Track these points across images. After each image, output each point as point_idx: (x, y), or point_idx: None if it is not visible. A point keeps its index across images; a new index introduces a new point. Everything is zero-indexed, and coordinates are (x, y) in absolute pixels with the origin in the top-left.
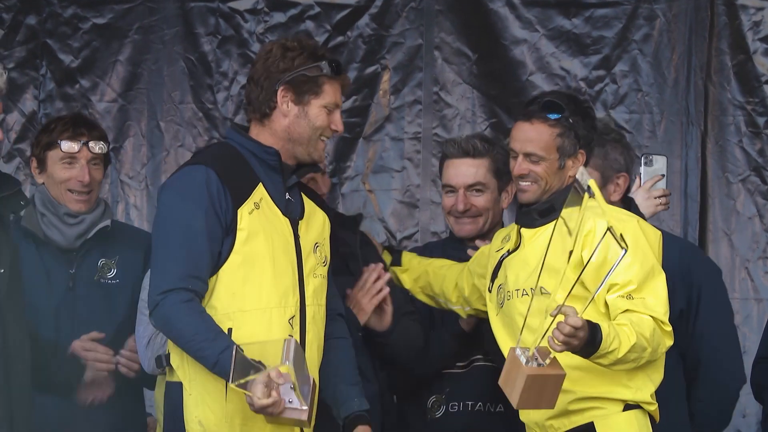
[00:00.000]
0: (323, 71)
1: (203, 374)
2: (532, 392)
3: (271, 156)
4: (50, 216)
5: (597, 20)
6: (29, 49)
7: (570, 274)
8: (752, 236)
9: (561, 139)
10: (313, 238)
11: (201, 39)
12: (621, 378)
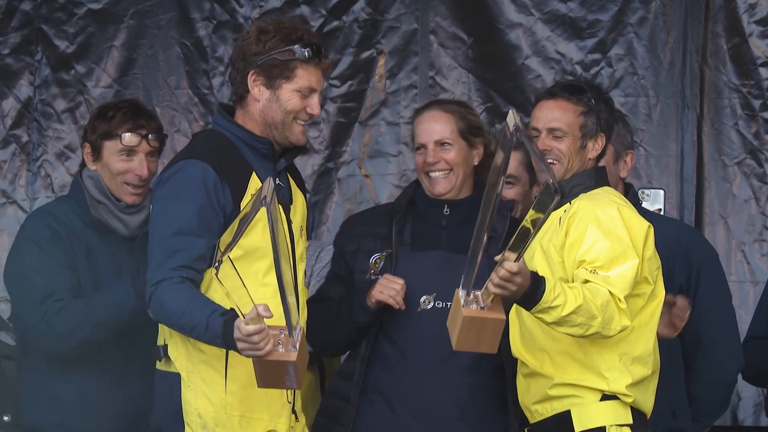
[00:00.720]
0: (296, 55)
1: (202, 366)
2: (470, 334)
3: (264, 145)
4: (109, 205)
5: (592, 3)
6: (24, 35)
7: (556, 257)
8: (748, 219)
9: (584, 117)
10: (299, 222)
11: (196, 24)
12: (598, 366)
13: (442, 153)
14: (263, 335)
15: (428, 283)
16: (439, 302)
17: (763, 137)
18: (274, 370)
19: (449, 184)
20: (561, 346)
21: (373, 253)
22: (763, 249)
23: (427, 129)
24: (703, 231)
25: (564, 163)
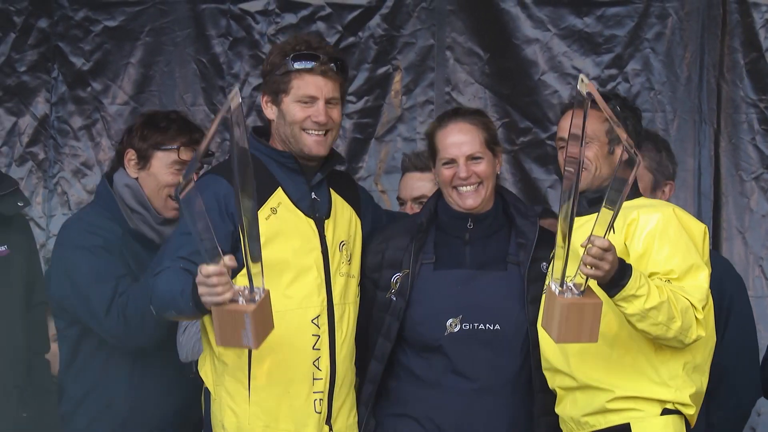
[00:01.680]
0: (288, 67)
1: (226, 378)
2: (570, 323)
3: (288, 159)
4: (146, 216)
5: (609, 19)
6: (41, 53)
7: None
8: (766, 234)
9: (609, 124)
10: (339, 236)
11: (212, 41)
12: (662, 375)
13: (473, 167)
14: (223, 279)
15: (453, 304)
16: (466, 324)
17: None
18: (232, 323)
19: (480, 197)
20: (624, 356)
21: (394, 270)
22: None
23: (456, 142)
24: (720, 246)
25: (591, 170)
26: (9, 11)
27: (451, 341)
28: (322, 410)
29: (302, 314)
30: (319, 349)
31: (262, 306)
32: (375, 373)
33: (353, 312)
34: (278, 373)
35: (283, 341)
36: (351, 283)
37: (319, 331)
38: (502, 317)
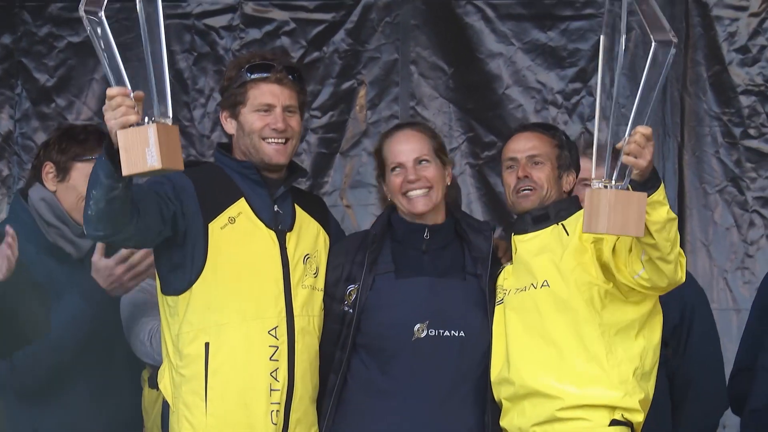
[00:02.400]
0: (242, 78)
1: (184, 389)
2: (617, 214)
3: (249, 170)
4: (63, 229)
5: (572, 33)
6: (4, 69)
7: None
8: (730, 247)
9: (558, 150)
10: (303, 250)
11: (177, 56)
12: (612, 380)
13: (422, 170)
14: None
15: (419, 310)
16: (432, 330)
17: (744, 165)
18: (136, 143)
19: (430, 201)
20: (576, 361)
21: (349, 283)
22: (745, 277)
23: (404, 149)
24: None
25: (541, 193)
26: None
27: (417, 347)
28: (278, 422)
29: (258, 325)
30: (278, 360)
31: (169, 131)
32: (332, 385)
33: (317, 324)
34: (235, 383)
35: (238, 351)
36: (316, 295)
37: (277, 342)
38: (466, 325)
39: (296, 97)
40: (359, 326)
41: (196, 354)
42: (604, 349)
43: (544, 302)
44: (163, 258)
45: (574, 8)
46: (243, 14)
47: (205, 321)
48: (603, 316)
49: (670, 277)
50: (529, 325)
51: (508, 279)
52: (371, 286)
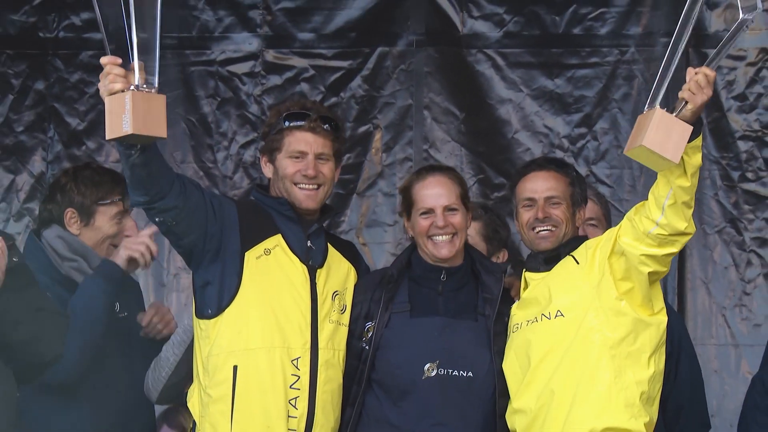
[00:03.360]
0: (279, 126)
1: (212, 412)
2: (660, 132)
3: (284, 207)
4: (79, 261)
5: (578, 80)
6: (38, 113)
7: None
8: (728, 285)
9: (572, 188)
10: (332, 286)
11: (201, 101)
12: (619, 404)
13: (450, 217)
14: (115, 69)
15: (430, 350)
16: (442, 369)
17: (742, 207)
18: (116, 110)
19: (454, 247)
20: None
21: (368, 320)
22: (743, 313)
23: (434, 194)
24: (685, 296)
25: (560, 230)
26: (7, 74)
27: (427, 385)
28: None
29: (283, 353)
30: (299, 389)
31: (149, 98)
32: (348, 417)
33: (342, 358)
34: (259, 407)
35: (263, 376)
36: (341, 330)
37: (299, 372)
38: (475, 365)
39: (330, 145)
40: (374, 363)
41: (224, 377)
42: (613, 372)
43: (558, 332)
44: (196, 276)
45: (579, 57)
46: (264, 61)
47: (234, 344)
48: (614, 342)
49: (689, 220)
50: (540, 355)
51: (516, 314)
52: (387, 324)
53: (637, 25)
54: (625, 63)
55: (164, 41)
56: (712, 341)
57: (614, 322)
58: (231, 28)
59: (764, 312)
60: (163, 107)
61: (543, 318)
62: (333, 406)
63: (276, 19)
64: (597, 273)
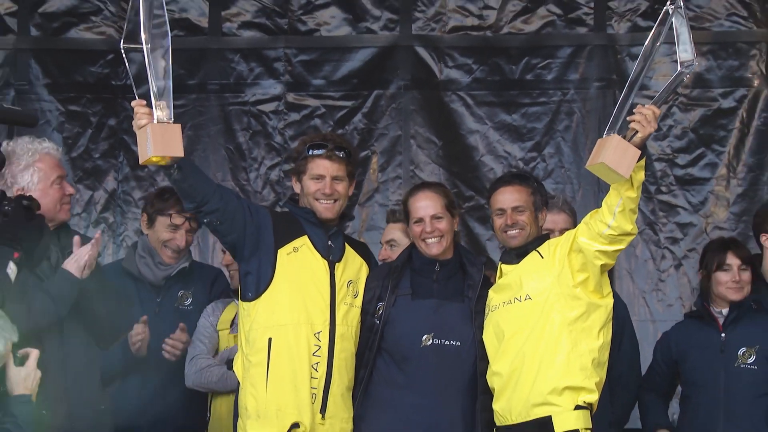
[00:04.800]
0: (306, 153)
1: (252, 372)
2: (617, 153)
3: (309, 215)
4: (148, 259)
5: (530, 115)
6: (110, 143)
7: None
8: (647, 274)
9: (533, 196)
10: (347, 277)
11: (237, 133)
12: (575, 367)
13: (436, 224)
14: (141, 109)
15: (427, 325)
16: (436, 339)
17: (658, 213)
18: (143, 139)
19: (441, 246)
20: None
21: (379, 302)
22: (659, 296)
23: (423, 206)
24: (614, 283)
25: (527, 231)
26: (87, 113)
27: (424, 352)
28: (317, 403)
29: (307, 328)
30: (319, 356)
31: (164, 128)
32: (361, 377)
33: (354, 333)
34: (288, 370)
35: (291, 346)
36: (354, 311)
37: (320, 343)
38: (461, 336)
39: (344, 169)
40: (383, 334)
41: (261, 346)
42: (570, 343)
43: (527, 311)
44: (240, 267)
45: (531, 97)
46: (286, 102)
47: (269, 322)
48: (571, 320)
49: (633, 222)
50: (513, 329)
51: (493, 297)
52: (393, 304)
53: (576, 73)
54: (566, 102)
55: (208, 87)
56: (635, 318)
57: (571, 304)
58: (260, 77)
59: (675, 295)
60: (179, 134)
61: (515, 300)
62: (347, 369)
63: (295, 69)
64: (558, 266)
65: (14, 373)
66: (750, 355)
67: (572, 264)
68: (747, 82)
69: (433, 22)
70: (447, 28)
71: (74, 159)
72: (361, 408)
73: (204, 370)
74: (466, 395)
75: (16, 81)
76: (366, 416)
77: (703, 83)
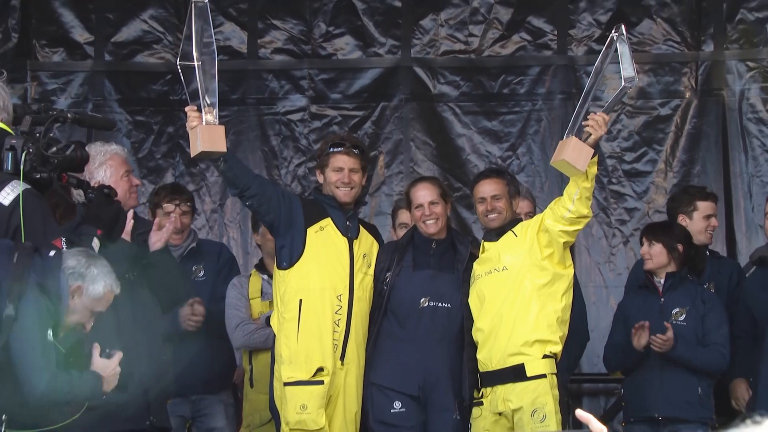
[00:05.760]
0: (328, 151)
1: (285, 325)
2: (575, 152)
3: (332, 201)
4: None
5: (507, 122)
6: (169, 146)
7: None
8: (601, 249)
9: (508, 186)
10: (362, 251)
11: (271, 138)
12: (542, 324)
13: (433, 208)
14: (192, 113)
15: (424, 290)
16: (431, 302)
17: (609, 200)
18: (193, 139)
19: (437, 226)
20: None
21: (387, 272)
22: (611, 267)
23: (423, 194)
24: (574, 256)
25: (503, 215)
26: (150, 122)
27: (422, 312)
28: (337, 350)
29: (331, 292)
30: (340, 315)
31: (211, 128)
32: (371, 333)
33: (368, 296)
34: (314, 325)
35: (318, 306)
36: (368, 279)
37: (341, 303)
38: (451, 300)
39: (358, 163)
40: (389, 298)
41: (293, 306)
42: (539, 305)
43: (504, 279)
44: (277, 241)
45: (507, 107)
46: (310, 112)
47: (300, 286)
48: (539, 286)
49: (588, 207)
50: (493, 294)
51: (477, 269)
52: (398, 274)
53: (543, 88)
54: (535, 111)
55: (247, 101)
56: (591, 284)
57: (540, 273)
58: (289, 92)
59: (624, 265)
60: (223, 133)
61: (494, 271)
62: (362, 325)
63: (317, 86)
64: (529, 243)
65: (98, 360)
66: (681, 314)
67: (540, 241)
68: (680, 95)
69: (428, 47)
70: (439, 52)
71: (140, 159)
72: (371, 356)
73: (252, 333)
74: (455, 347)
75: (93, 97)
76: (374, 363)
77: (645, 95)
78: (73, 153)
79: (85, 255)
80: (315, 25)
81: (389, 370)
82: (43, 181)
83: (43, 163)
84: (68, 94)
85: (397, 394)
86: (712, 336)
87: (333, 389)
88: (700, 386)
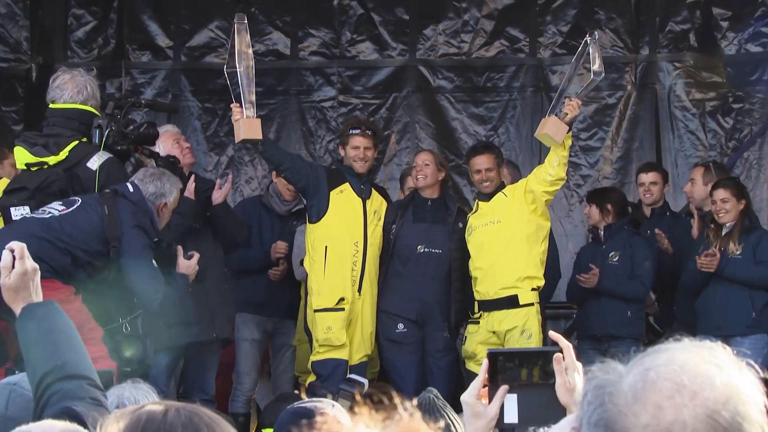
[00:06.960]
0: (348, 132)
1: (313, 266)
2: (554, 127)
3: (350, 171)
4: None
5: (491, 108)
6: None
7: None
8: (562, 207)
9: (497, 159)
10: (373, 208)
11: (308, 120)
12: (531, 263)
13: (426, 169)
14: (235, 109)
15: (421, 238)
16: (427, 248)
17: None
18: (237, 128)
19: (425, 182)
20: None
21: (393, 224)
22: (569, 220)
23: (421, 159)
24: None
25: (495, 181)
26: (216, 108)
27: (419, 256)
28: (354, 284)
29: (349, 239)
30: (357, 258)
31: (250, 121)
32: (381, 272)
33: (378, 243)
34: (338, 265)
35: (340, 251)
36: (378, 230)
37: (357, 248)
38: (442, 247)
39: (371, 142)
40: (395, 244)
41: (321, 251)
42: (527, 249)
43: (498, 230)
44: (307, 202)
45: (490, 97)
46: (338, 101)
47: (325, 235)
48: (527, 234)
49: (564, 172)
50: (490, 240)
51: (473, 222)
52: (401, 226)
53: (518, 82)
54: (512, 101)
55: (290, 92)
56: (556, 233)
57: (527, 225)
58: (321, 85)
59: (579, 219)
60: (259, 125)
61: (490, 223)
62: (374, 265)
63: (344, 80)
64: (517, 200)
65: (183, 261)
66: (615, 256)
67: (526, 199)
68: (623, 88)
69: (429, 51)
70: (438, 54)
71: (208, 136)
72: (381, 289)
73: None
74: (444, 283)
75: (172, 89)
76: (383, 295)
77: (596, 88)
78: (146, 130)
79: (155, 176)
80: (342, 33)
81: (394, 299)
82: (123, 152)
83: (122, 138)
84: (153, 87)
85: (400, 318)
86: (636, 270)
87: (352, 314)
88: (629, 310)
